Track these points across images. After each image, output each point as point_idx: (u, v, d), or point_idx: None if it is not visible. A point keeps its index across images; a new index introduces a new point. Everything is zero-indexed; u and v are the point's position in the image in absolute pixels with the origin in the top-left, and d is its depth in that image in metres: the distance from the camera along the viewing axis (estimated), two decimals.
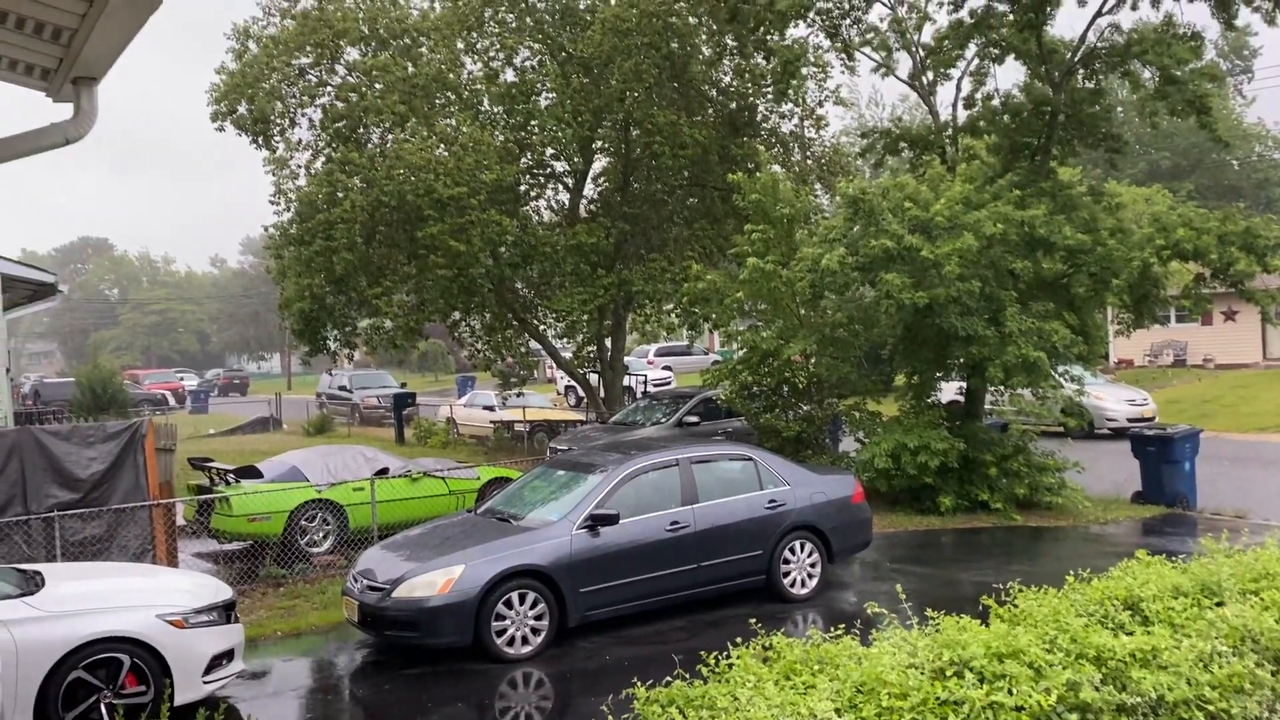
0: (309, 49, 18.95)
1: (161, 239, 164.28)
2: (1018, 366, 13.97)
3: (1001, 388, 15.23)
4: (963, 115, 17.32)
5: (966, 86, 17.11)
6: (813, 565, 10.56)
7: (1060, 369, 15.03)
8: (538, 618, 8.94)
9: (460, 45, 20.83)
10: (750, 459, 10.80)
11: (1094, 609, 5.37)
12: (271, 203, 19.79)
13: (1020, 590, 5.78)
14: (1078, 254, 14.67)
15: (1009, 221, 14.01)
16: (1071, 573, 6.06)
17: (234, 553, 13.32)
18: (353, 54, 19.43)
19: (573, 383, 27.12)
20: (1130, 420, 21.69)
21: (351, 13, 19.09)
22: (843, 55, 18.51)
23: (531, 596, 8.92)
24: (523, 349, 23.17)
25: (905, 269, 13.96)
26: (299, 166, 19.85)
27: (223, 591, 8.23)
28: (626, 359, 25.96)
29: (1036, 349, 13.83)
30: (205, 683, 7.53)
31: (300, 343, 20.97)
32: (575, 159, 21.98)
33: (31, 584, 7.57)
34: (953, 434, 14.70)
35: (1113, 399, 23.03)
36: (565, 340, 24.09)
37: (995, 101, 16.99)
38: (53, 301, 18.13)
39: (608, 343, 22.81)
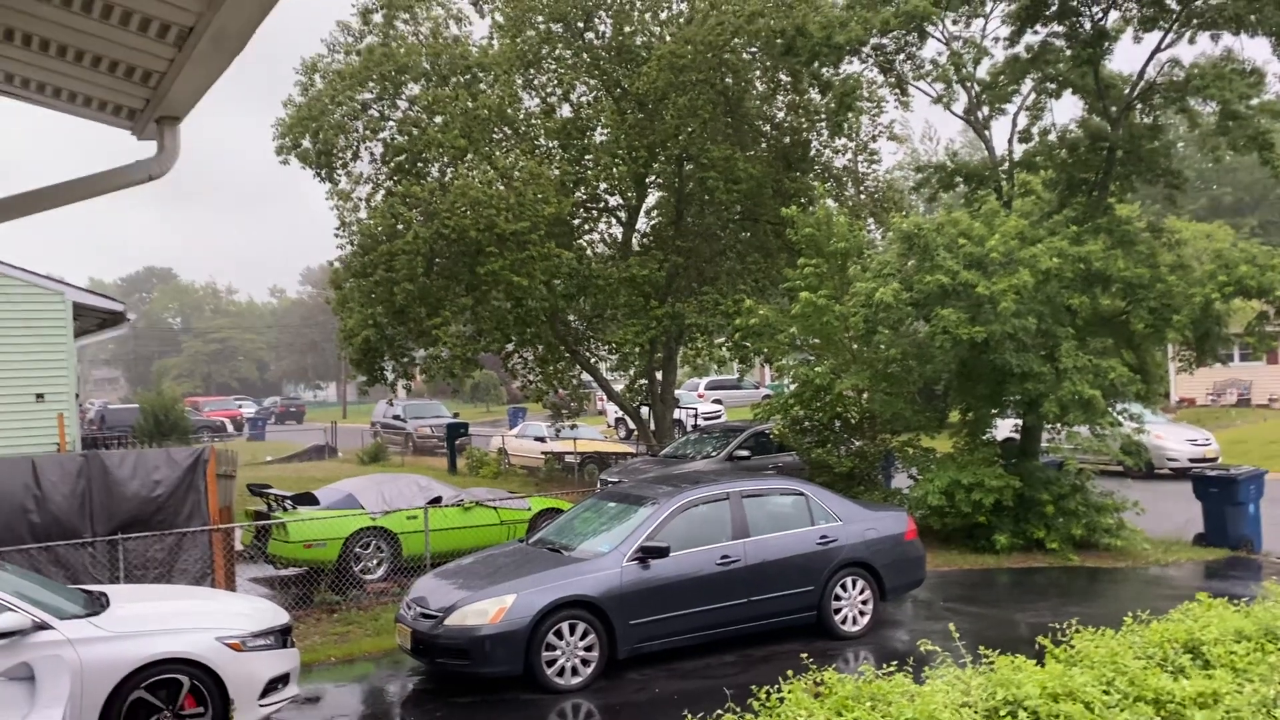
0: (372, 84, 19.42)
1: (224, 270, 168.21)
2: (1074, 403, 13.77)
3: (1057, 425, 15.02)
4: (1018, 150, 17.23)
5: (1022, 121, 17.05)
6: (864, 602, 10.47)
7: (1119, 407, 14.78)
8: (588, 649, 8.96)
9: (519, 81, 21.21)
10: (802, 494, 10.76)
11: (1153, 651, 5.29)
12: (336, 235, 20.27)
13: (1077, 631, 5.71)
14: (1136, 289, 14.47)
15: (1065, 257, 13.89)
16: (1130, 614, 5.97)
17: (290, 578, 13.52)
18: (414, 89, 19.88)
19: (623, 415, 27.19)
20: (1192, 460, 21.22)
21: (415, 48, 19.56)
22: (896, 90, 18.56)
23: (582, 627, 8.95)
24: (574, 381, 23.33)
25: (960, 304, 13.88)
26: (360, 199, 20.31)
27: (279, 616, 8.38)
28: (677, 392, 26.00)
29: (1093, 386, 13.64)
30: (261, 706, 7.65)
31: (359, 372, 21.33)
32: (629, 193, 22.20)
33: (97, 604, 7.78)
34: (1008, 471, 14.51)
35: (1174, 438, 22.55)
36: (616, 373, 24.20)
37: (1052, 136, 16.88)
38: (121, 329, 18.64)
39: (658, 375, 22.88)
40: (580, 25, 21.08)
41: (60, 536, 10.71)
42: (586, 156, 21.40)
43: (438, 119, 19.20)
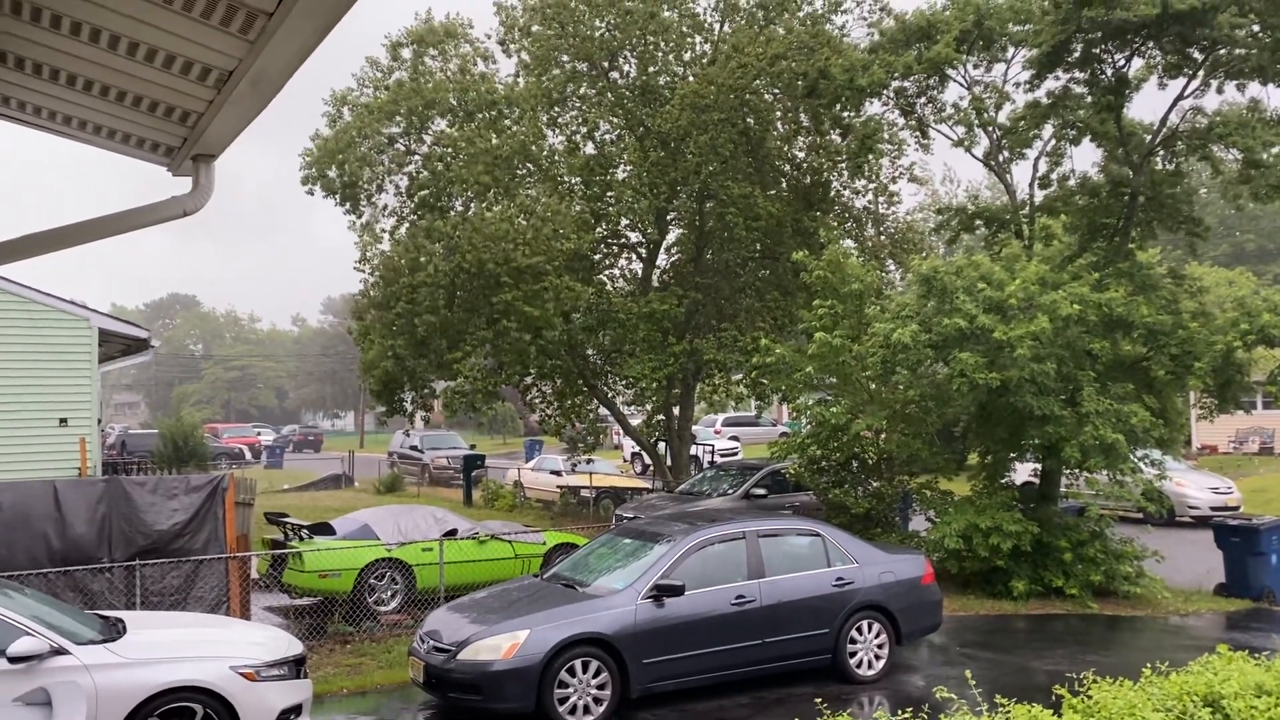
0: (399, 118, 19.70)
1: (247, 297, 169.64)
2: (1095, 448, 13.69)
3: (1077, 470, 14.93)
4: (1039, 195, 17.27)
5: (1043, 166, 17.11)
6: (880, 646, 10.39)
7: (1140, 453, 14.67)
8: (600, 687, 8.93)
9: (544, 119, 21.47)
10: (818, 535, 10.72)
11: (1171, 704, 5.23)
12: (356, 268, 20.49)
13: (1095, 681, 5.65)
14: (1158, 335, 14.43)
15: (1086, 302, 13.87)
16: (1149, 665, 5.91)
17: (304, 608, 13.53)
18: (440, 124, 20.15)
19: (639, 450, 27.15)
20: (1213, 509, 20.99)
21: (442, 85, 19.85)
22: (917, 133, 18.68)
23: (595, 665, 8.92)
24: (591, 415, 23.35)
25: (979, 348, 13.86)
26: (384, 231, 20.55)
27: (294, 646, 8.40)
28: (694, 428, 25.97)
29: (1115, 431, 13.56)
30: None
31: (378, 403, 21.45)
32: (650, 229, 22.36)
33: (114, 630, 7.83)
34: (1026, 516, 14.41)
35: (1195, 486, 22.33)
36: (633, 407, 24.22)
37: (1072, 182, 16.92)
38: (145, 356, 18.87)
39: (676, 411, 22.89)
40: (605, 65, 21.36)
41: (79, 561, 10.80)
42: (609, 193, 21.60)
43: (463, 156, 19.45)
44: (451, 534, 13.83)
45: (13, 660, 6.93)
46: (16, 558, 10.54)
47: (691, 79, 20.69)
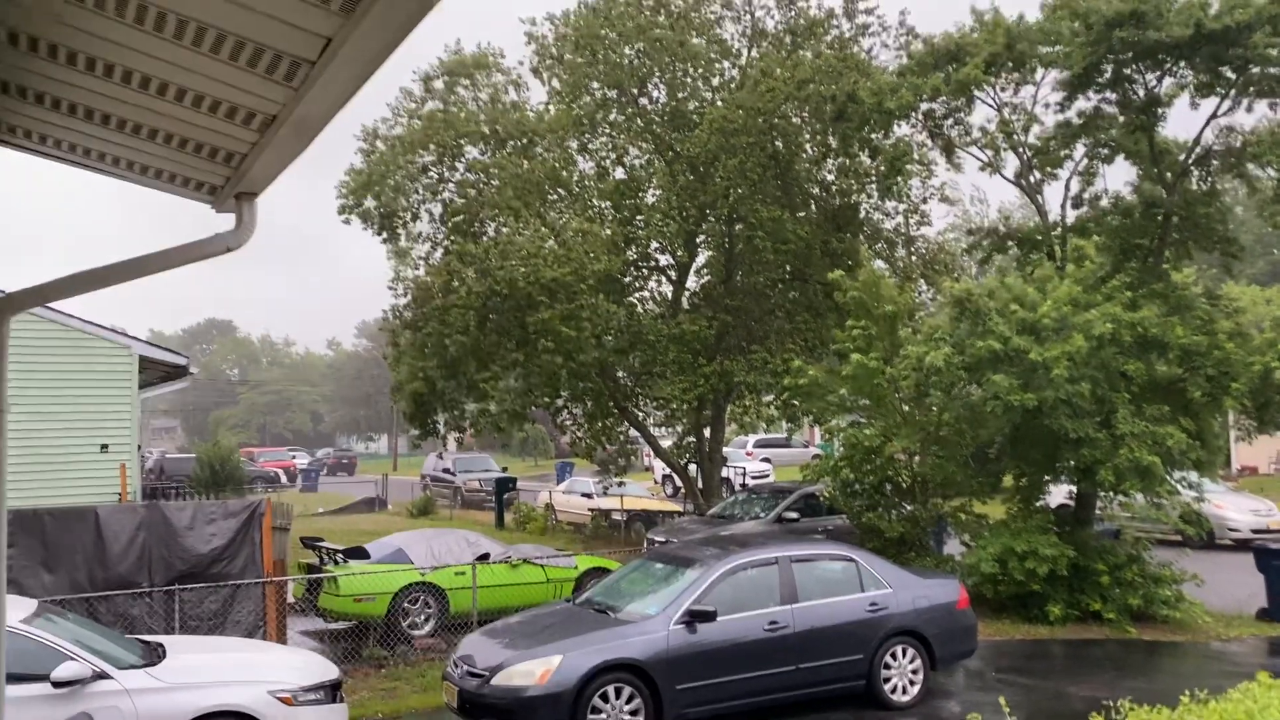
0: (432, 148, 19.98)
1: (281, 321, 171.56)
2: (1131, 470, 13.55)
3: (1113, 493, 14.76)
4: (1071, 215, 17.18)
5: (1075, 186, 17.02)
6: (915, 672, 10.31)
7: (1176, 475, 14.50)
8: (634, 713, 8.93)
9: (574, 145, 21.67)
10: (852, 559, 10.69)
11: None
12: (390, 288, 20.78)
13: (1132, 708, 5.61)
14: (1194, 356, 14.28)
15: (1120, 322, 13.77)
16: (1188, 692, 5.85)
17: (339, 632, 13.64)
18: (472, 152, 20.40)
19: (670, 472, 27.13)
20: (1255, 531, 20.64)
21: (474, 115, 20.11)
22: (944, 154, 18.66)
23: (628, 691, 8.93)
24: (622, 437, 23.40)
25: (1013, 370, 13.79)
26: (419, 258, 20.82)
27: (330, 671, 8.48)
28: (725, 450, 25.94)
29: (1151, 453, 13.42)
30: None
31: (410, 425, 21.64)
32: (679, 252, 22.46)
33: (154, 655, 7.95)
34: (1062, 539, 14.26)
35: (1235, 508, 21.97)
36: (664, 429, 24.25)
37: (1104, 202, 16.82)
38: (184, 382, 19.13)
39: (706, 433, 22.89)
40: (635, 91, 21.54)
41: (119, 586, 10.96)
42: (638, 216, 21.74)
43: (494, 182, 19.68)
44: (484, 558, 13.91)
45: (56, 685, 7.06)
46: (59, 583, 10.73)
47: (720, 103, 20.82)
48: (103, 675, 7.28)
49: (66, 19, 3.05)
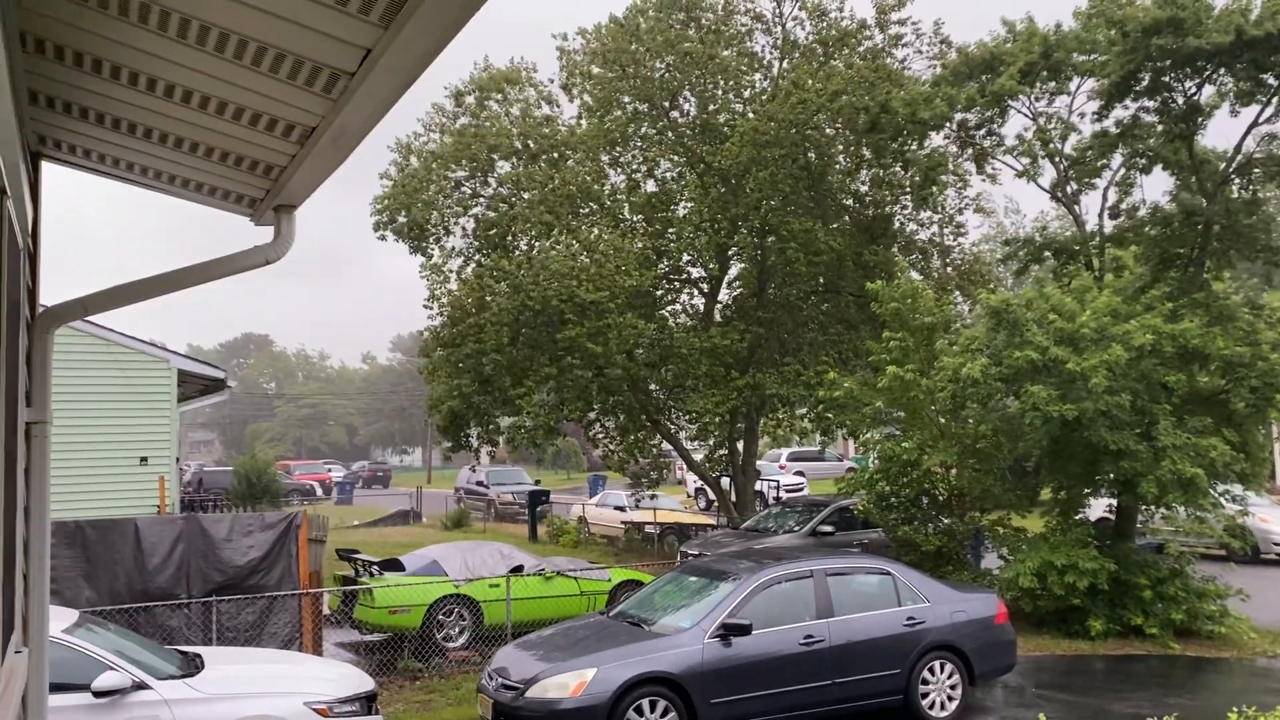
0: (465, 162, 20.12)
1: (317, 335, 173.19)
2: (1173, 483, 13.32)
3: (1155, 506, 14.52)
4: (1109, 225, 16.98)
5: (1112, 196, 16.81)
6: (953, 687, 10.18)
7: (1220, 488, 14.23)
8: None
9: (605, 158, 21.74)
10: (888, 573, 10.58)
11: None
12: (425, 307, 20.91)
13: None
14: (1236, 367, 14.03)
15: (1160, 333, 13.56)
16: (1235, 710, 5.72)
17: (374, 644, 13.68)
18: (504, 166, 20.52)
19: (703, 485, 27.04)
20: None
21: (506, 129, 20.24)
22: (975, 164, 18.53)
23: (662, 704, 8.88)
24: (654, 450, 23.36)
25: (1051, 381, 13.62)
26: (452, 271, 20.93)
27: (365, 683, 8.51)
28: (759, 463, 25.82)
29: (1194, 465, 13.18)
30: None
31: (444, 439, 21.74)
32: (711, 264, 22.44)
33: (192, 665, 8.01)
34: (1102, 553, 14.04)
35: None
36: (696, 442, 24.21)
37: (1143, 212, 16.60)
38: (221, 396, 19.38)
39: (739, 446, 22.80)
40: (665, 105, 21.59)
41: (158, 597, 11.08)
42: (670, 229, 21.75)
43: (525, 196, 19.78)
44: (518, 570, 13.91)
45: (97, 694, 7.13)
46: (99, 593, 10.86)
47: (751, 115, 20.81)
48: (142, 685, 7.34)
49: (115, 35, 3.10)
